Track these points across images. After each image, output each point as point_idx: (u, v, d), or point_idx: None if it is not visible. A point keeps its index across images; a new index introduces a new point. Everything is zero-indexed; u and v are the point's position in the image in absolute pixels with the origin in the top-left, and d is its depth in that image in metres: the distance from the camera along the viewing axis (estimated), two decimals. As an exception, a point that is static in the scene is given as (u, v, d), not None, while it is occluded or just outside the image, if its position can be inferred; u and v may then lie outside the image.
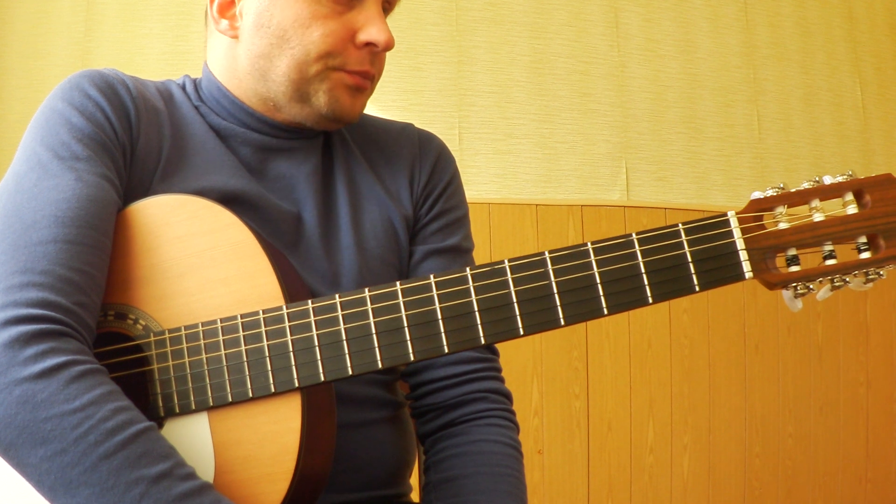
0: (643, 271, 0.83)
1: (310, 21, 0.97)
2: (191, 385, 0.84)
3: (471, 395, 1.06)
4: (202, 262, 0.86)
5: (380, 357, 0.84)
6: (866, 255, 0.83)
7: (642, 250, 0.83)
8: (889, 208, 0.82)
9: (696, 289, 0.82)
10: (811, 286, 0.84)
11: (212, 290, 0.85)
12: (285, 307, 0.84)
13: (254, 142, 1.03)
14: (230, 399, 0.83)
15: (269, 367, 0.84)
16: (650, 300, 0.83)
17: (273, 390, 0.83)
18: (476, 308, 0.84)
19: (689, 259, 0.83)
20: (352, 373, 0.84)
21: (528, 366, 2.52)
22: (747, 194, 2.68)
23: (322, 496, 0.88)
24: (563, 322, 0.83)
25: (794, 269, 0.83)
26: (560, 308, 0.83)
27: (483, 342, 0.83)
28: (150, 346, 0.85)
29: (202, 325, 0.85)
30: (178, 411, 0.84)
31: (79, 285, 0.81)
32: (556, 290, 0.83)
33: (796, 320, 2.71)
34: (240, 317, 0.84)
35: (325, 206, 1.04)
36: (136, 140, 0.95)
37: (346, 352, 0.84)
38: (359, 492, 1.00)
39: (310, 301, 0.85)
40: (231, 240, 0.86)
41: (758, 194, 0.85)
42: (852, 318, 2.77)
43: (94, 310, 0.83)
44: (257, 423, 0.83)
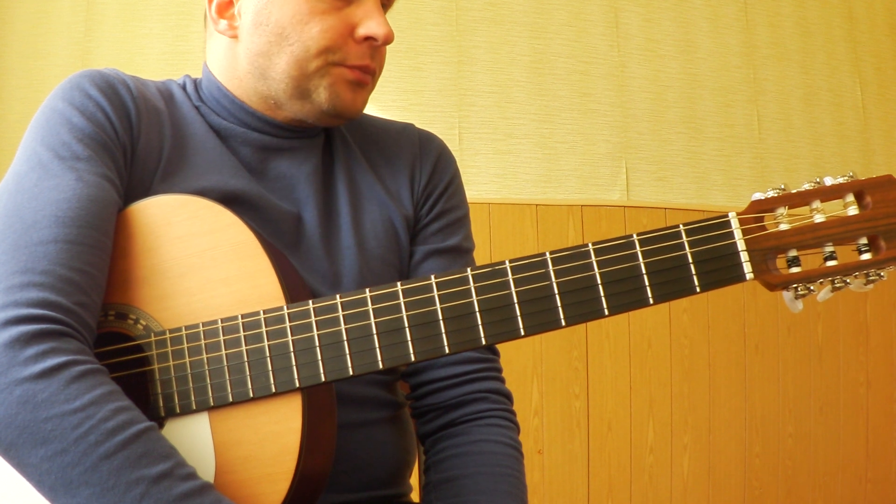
0: (644, 272, 0.83)
1: (308, 17, 0.97)
2: (191, 385, 0.84)
3: (471, 395, 1.06)
4: (203, 262, 0.86)
5: (381, 357, 0.84)
6: (867, 257, 0.83)
7: (643, 251, 0.83)
8: (890, 209, 0.82)
9: (697, 290, 0.83)
10: (812, 287, 0.84)
11: (212, 290, 0.85)
12: (286, 307, 0.84)
13: (254, 141, 1.03)
14: (231, 399, 0.83)
15: (270, 367, 0.84)
16: (651, 301, 0.83)
17: (274, 390, 0.83)
18: (477, 308, 0.84)
19: (690, 260, 0.83)
20: (352, 373, 0.84)
21: (528, 366, 2.52)
22: (747, 194, 2.69)
23: (322, 496, 0.88)
24: (563, 323, 0.83)
25: (794, 270, 0.83)
26: (561, 309, 0.83)
27: (484, 343, 0.83)
28: (151, 345, 0.85)
29: (203, 325, 0.85)
30: (178, 411, 0.84)
31: (79, 285, 0.81)
32: (556, 291, 0.83)
33: (796, 320, 2.71)
34: (241, 317, 0.84)
35: (326, 207, 1.04)
36: (136, 140, 0.95)
37: (347, 352, 0.84)
38: (359, 492, 1.00)
39: (310, 301, 0.85)
40: (232, 240, 0.86)
41: (759, 195, 0.85)
42: (852, 319, 2.77)
43: (94, 310, 0.83)
44: (258, 423, 0.83)
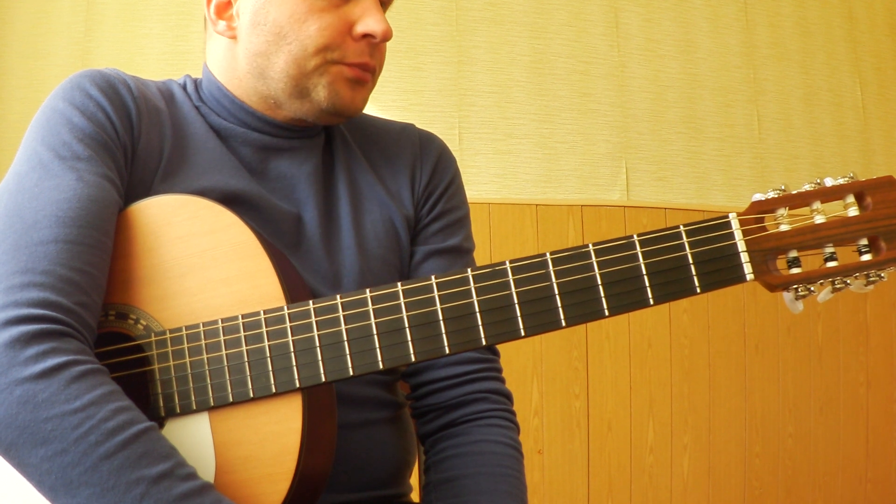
0: (644, 273, 0.83)
1: (306, 15, 0.97)
2: (192, 385, 0.84)
3: (471, 395, 1.06)
4: (203, 262, 0.86)
5: (381, 357, 0.84)
6: (867, 258, 0.83)
7: (643, 252, 0.83)
8: (890, 210, 0.82)
9: (698, 290, 0.83)
10: (812, 288, 0.84)
11: (213, 291, 0.85)
12: (286, 307, 0.84)
13: (254, 141, 1.03)
14: (231, 399, 0.83)
15: (270, 368, 0.84)
16: (651, 301, 0.83)
17: (274, 390, 0.83)
18: (477, 309, 0.84)
19: (691, 261, 0.83)
20: (353, 373, 0.84)
21: (528, 366, 2.52)
22: (747, 194, 2.69)
23: (322, 496, 0.88)
24: (564, 323, 0.83)
25: (795, 271, 0.83)
26: (561, 309, 0.83)
27: (484, 343, 0.83)
28: (151, 345, 0.85)
29: (203, 325, 0.85)
30: (178, 411, 0.84)
31: (80, 285, 0.81)
32: (557, 292, 0.83)
33: (796, 321, 2.71)
34: (241, 317, 0.84)
35: (326, 207, 1.04)
36: (137, 140, 0.95)
37: (347, 352, 0.84)
38: (359, 492, 1.00)
39: (311, 301, 0.85)
40: (232, 240, 0.86)
41: (759, 196, 0.85)
42: (852, 319, 2.77)
43: (94, 310, 0.83)
44: (258, 424, 0.83)
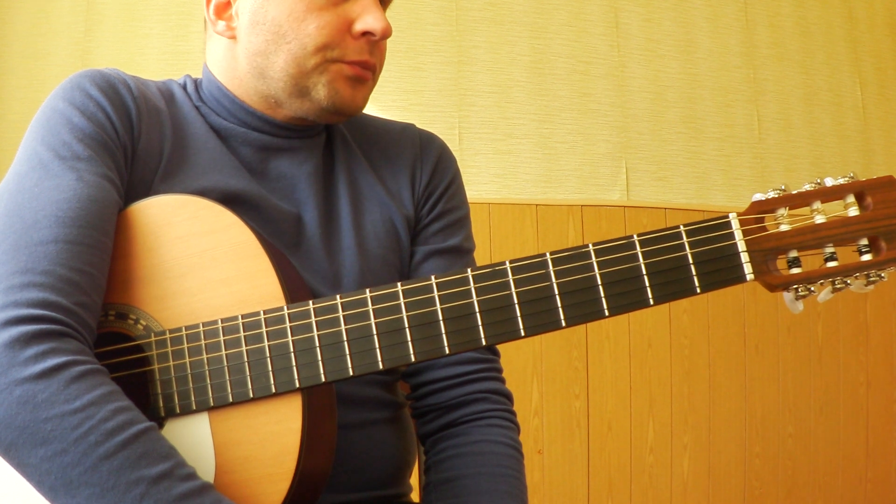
0: (644, 273, 0.83)
1: (304, 14, 0.97)
2: (191, 385, 0.84)
3: (471, 395, 1.06)
4: (203, 263, 0.86)
5: (381, 358, 0.84)
6: (867, 258, 0.83)
7: (643, 252, 0.83)
8: (890, 210, 0.82)
9: (698, 290, 0.83)
10: (812, 288, 0.84)
11: (213, 291, 0.85)
12: (286, 308, 0.84)
13: (254, 141, 1.03)
14: (231, 399, 0.83)
15: (270, 368, 0.83)
16: (651, 302, 0.83)
17: (274, 391, 0.83)
18: (477, 309, 0.84)
19: (691, 261, 0.83)
20: (353, 373, 0.84)
21: (528, 366, 2.51)
22: (747, 194, 2.69)
23: (322, 496, 0.88)
24: (564, 323, 0.83)
25: (795, 271, 0.83)
26: (561, 309, 0.83)
27: (484, 343, 0.83)
28: (151, 346, 0.85)
29: (203, 326, 0.85)
30: (178, 411, 0.84)
31: (79, 285, 0.81)
32: (557, 292, 0.83)
33: (796, 321, 2.71)
34: (241, 317, 0.84)
35: (326, 207, 1.04)
36: (137, 140, 0.95)
37: (347, 352, 0.84)
38: (359, 492, 1.00)
39: (311, 301, 0.85)
40: (232, 240, 0.86)
41: (759, 196, 0.85)
42: (852, 319, 2.77)
43: (94, 310, 0.83)
44: (258, 424, 0.83)
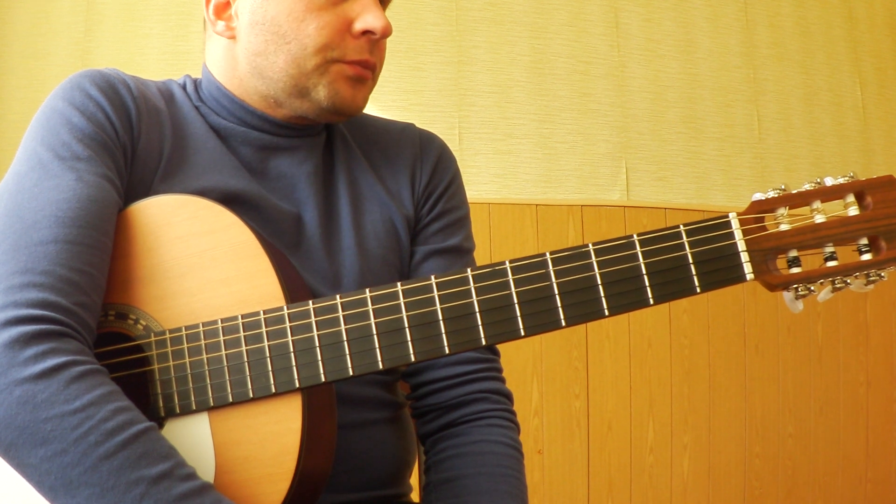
0: (644, 272, 0.83)
1: (304, 14, 0.97)
2: (191, 385, 0.84)
3: (471, 395, 1.06)
4: (203, 263, 0.86)
5: (381, 358, 0.84)
6: (867, 257, 0.83)
7: (643, 251, 0.83)
8: (890, 210, 0.82)
9: (697, 290, 0.82)
10: (812, 288, 0.84)
11: (213, 291, 0.85)
12: (286, 307, 0.84)
13: (254, 141, 1.03)
14: (231, 399, 0.83)
15: (270, 368, 0.83)
16: (651, 301, 0.83)
17: (274, 391, 0.83)
18: (477, 309, 0.84)
19: (691, 260, 0.83)
20: (352, 373, 0.83)
21: (528, 366, 2.51)
22: (747, 194, 2.69)
23: (322, 496, 0.88)
24: (564, 323, 0.83)
25: (795, 270, 0.83)
26: (561, 309, 0.83)
27: (484, 343, 0.83)
28: (151, 346, 0.85)
29: (203, 326, 0.85)
30: (178, 411, 0.84)
31: (79, 285, 0.81)
32: (557, 291, 0.83)
33: (796, 320, 2.71)
34: (241, 317, 0.84)
35: (326, 207, 1.04)
36: (137, 140, 0.95)
37: (347, 352, 0.84)
38: (359, 492, 1.00)
39: (311, 301, 0.85)
40: (232, 240, 0.86)
41: (759, 195, 0.85)
42: (852, 318, 2.77)
43: (94, 310, 0.82)
44: (258, 424, 0.83)
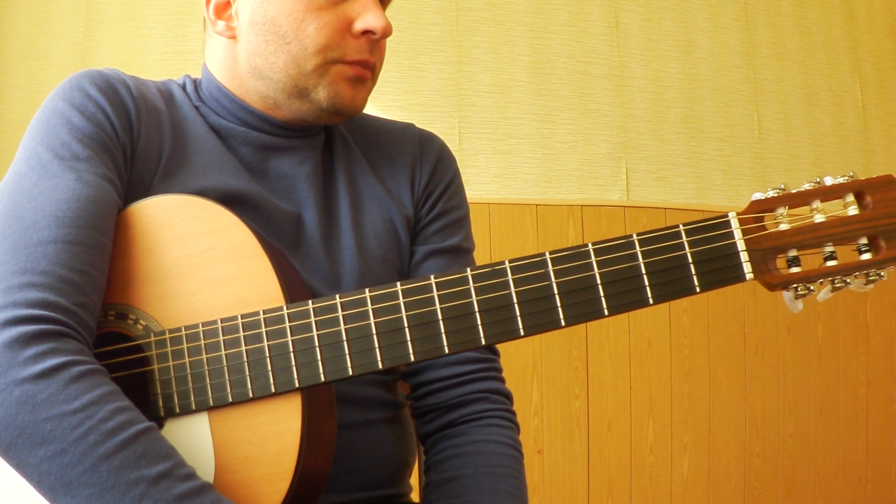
0: (644, 272, 0.83)
1: (304, 14, 0.97)
2: (191, 385, 0.84)
3: (471, 395, 1.06)
4: (203, 263, 0.86)
5: (380, 357, 0.84)
6: (867, 257, 0.83)
7: (643, 251, 0.83)
8: (890, 209, 0.82)
9: (697, 290, 0.82)
10: (812, 287, 0.84)
11: (212, 291, 0.85)
12: (286, 307, 0.84)
13: (254, 141, 1.03)
14: (230, 399, 0.83)
15: (270, 368, 0.83)
16: (651, 301, 0.82)
17: (273, 390, 0.83)
18: (477, 308, 0.84)
19: (690, 260, 0.83)
20: (352, 373, 0.83)
21: (528, 366, 2.51)
22: (747, 194, 2.68)
23: (322, 496, 0.88)
24: (563, 323, 0.83)
25: (794, 270, 0.83)
26: (561, 309, 0.83)
27: (484, 343, 0.83)
28: (151, 346, 0.85)
29: (203, 326, 0.85)
30: (178, 411, 0.84)
31: (79, 286, 0.81)
32: (556, 291, 0.83)
33: (796, 320, 2.71)
34: (240, 317, 0.84)
35: (326, 207, 1.04)
36: (136, 140, 0.95)
37: (347, 352, 0.84)
38: (359, 492, 1.00)
39: (310, 301, 0.85)
40: (232, 240, 0.86)
41: (759, 195, 0.85)
42: (852, 319, 2.77)
43: (94, 310, 0.82)
44: (257, 424, 0.83)
